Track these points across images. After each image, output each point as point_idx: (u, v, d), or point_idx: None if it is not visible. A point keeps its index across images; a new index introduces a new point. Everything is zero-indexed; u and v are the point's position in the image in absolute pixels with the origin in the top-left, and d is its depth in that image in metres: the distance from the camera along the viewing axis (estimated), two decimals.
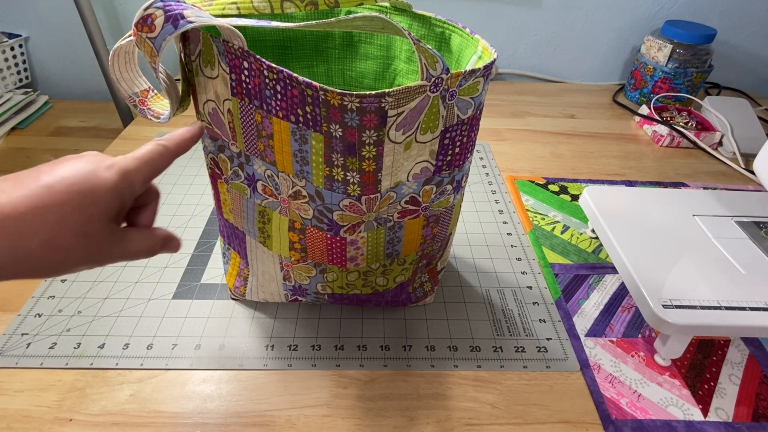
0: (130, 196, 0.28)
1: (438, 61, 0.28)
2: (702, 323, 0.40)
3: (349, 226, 0.35)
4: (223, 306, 0.46)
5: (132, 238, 0.28)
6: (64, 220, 0.25)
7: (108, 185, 0.26)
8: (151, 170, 0.29)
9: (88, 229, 0.25)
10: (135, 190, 0.28)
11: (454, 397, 0.39)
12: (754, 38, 0.96)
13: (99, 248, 0.26)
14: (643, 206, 0.53)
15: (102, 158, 0.28)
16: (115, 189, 0.27)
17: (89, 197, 0.26)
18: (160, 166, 0.29)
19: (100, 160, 0.27)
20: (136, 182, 0.28)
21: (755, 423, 0.39)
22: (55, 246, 0.25)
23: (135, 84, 0.33)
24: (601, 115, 0.88)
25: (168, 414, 0.37)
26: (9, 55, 0.86)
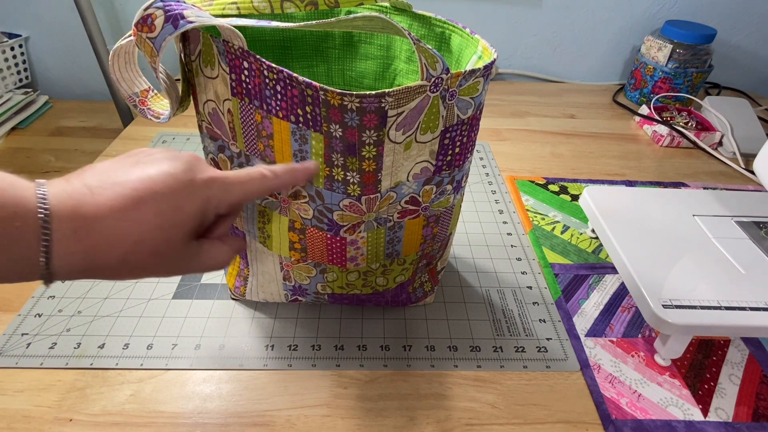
0: (211, 217, 0.27)
1: (438, 61, 0.28)
2: (702, 323, 0.40)
3: (349, 226, 0.35)
4: (223, 306, 0.46)
5: (206, 253, 0.27)
6: (144, 240, 0.23)
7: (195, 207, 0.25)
8: (244, 195, 0.28)
9: (165, 249, 0.24)
10: (219, 211, 0.27)
11: (454, 397, 0.39)
12: (754, 38, 0.96)
13: (173, 265, 0.25)
14: (643, 206, 0.53)
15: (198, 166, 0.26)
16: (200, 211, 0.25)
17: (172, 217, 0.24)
18: (254, 194, 0.28)
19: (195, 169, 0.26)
20: (223, 205, 0.27)
21: (755, 423, 0.39)
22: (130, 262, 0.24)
23: (135, 84, 0.33)
24: (601, 115, 0.88)
25: (168, 414, 0.37)
26: (9, 55, 0.86)
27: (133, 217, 0.23)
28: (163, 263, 0.25)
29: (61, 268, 0.22)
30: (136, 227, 0.23)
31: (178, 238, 0.25)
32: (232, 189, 0.27)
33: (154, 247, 0.24)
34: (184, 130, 0.76)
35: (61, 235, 0.22)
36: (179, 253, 0.25)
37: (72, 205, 0.22)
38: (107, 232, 0.22)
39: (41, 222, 0.21)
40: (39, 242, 0.21)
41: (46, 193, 0.22)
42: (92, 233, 0.22)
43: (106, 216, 0.22)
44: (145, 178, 0.24)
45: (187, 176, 0.25)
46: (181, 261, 0.26)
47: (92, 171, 0.24)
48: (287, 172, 0.30)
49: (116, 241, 0.23)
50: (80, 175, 0.24)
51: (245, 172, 0.28)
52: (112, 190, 0.23)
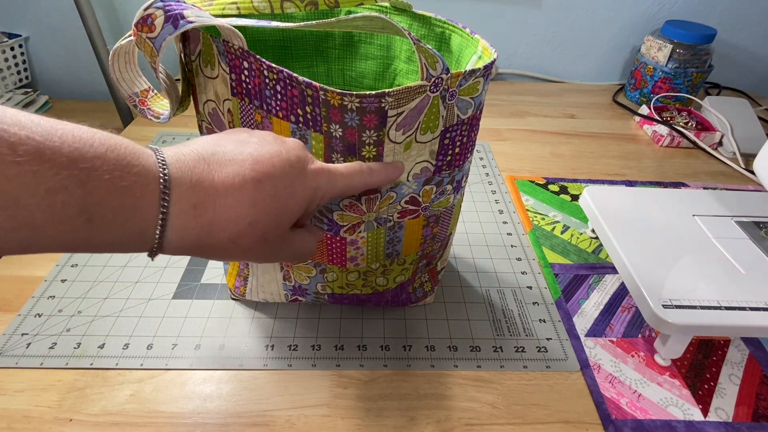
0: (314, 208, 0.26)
1: (438, 61, 0.28)
2: (702, 323, 0.40)
3: (349, 226, 0.35)
4: (223, 306, 0.46)
5: (297, 243, 0.26)
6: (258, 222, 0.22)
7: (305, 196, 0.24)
8: (346, 188, 0.27)
9: (273, 234, 0.24)
10: (322, 203, 0.26)
11: (454, 397, 0.39)
12: (754, 38, 0.96)
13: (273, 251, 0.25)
14: (643, 206, 0.53)
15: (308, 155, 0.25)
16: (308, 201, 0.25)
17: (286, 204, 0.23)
18: (355, 188, 0.28)
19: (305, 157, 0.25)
20: (327, 197, 0.26)
21: (755, 423, 0.39)
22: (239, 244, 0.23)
23: (135, 84, 0.33)
24: (601, 115, 0.88)
25: (168, 414, 0.37)
26: (9, 55, 0.86)
27: (251, 197, 0.22)
28: (267, 248, 0.24)
29: (172, 243, 0.21)
30: (253, 208, 0.22)
31: (285, 223, 0.24)
32: (337, 181, 0.26)
33: (265, 231, 0.23)
34: (184, 130, 0.76)
35: (180, 208, 0.21)
36: (281, 239, 0.25)
37: (192, 178, 0.21)
38: (225, 210, 0.22)
39: (161, 191, 0.20)
40: (157, 213, 0.20)
41: (166, 163, 0.21)
42: (210, 209, 0.21)
43: (226, 193, 0.21)
44: (263, 159, 0.23)
45: (300, 163, 0.24)
46: (279, 247, 0.25)
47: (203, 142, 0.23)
48: (382, 169, 0.29)
49: (233, 220, 0.22)
50: (189, 146, 0.22)
51: (348, 165, 0.28)
52: (230, 167, 0.22)
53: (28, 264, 0.50)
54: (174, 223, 0.21)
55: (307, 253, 0.28)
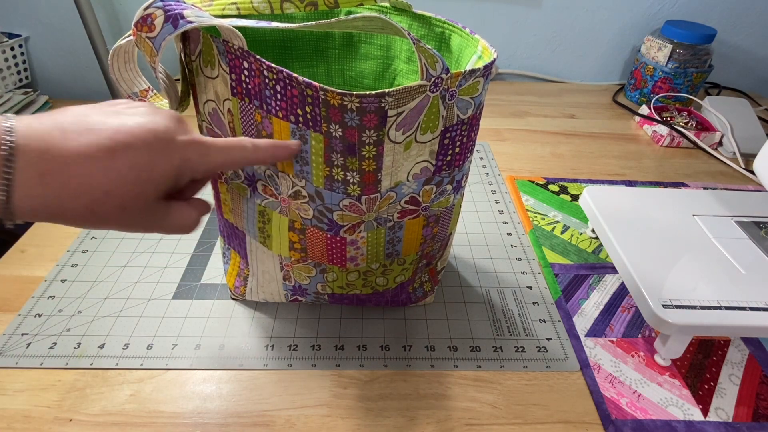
0: (186, 179, 0.26)
1: (438, 61, 0.28)
2: (702, 323, 0.40)
3: (349, 226, 0.35)
4: (223, 306, 0.46)
5: (173, 215, 0.26)
6: (113, 192, 0.23)
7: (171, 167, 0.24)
8: (223, 163, 0.27)
9: (134, 204, 0.24)
10: (195, 175, 0.26)
11: (454, 397, 0.39)
12: (754, 38, 0.96)
13: (139, 222, 0.25)
14: (643, 206, 0.53)
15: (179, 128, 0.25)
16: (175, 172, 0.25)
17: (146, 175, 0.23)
18: (234, 163, 0.28)
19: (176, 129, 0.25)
20: (200, 169, 0.26)
21: (755, 423, 0.39)
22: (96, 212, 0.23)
23: (135, 84, 0.33)
24: (601, 115, 0.88)
25: (168, 414, 0.37)
26: (9, 55, 0.86)
27: (105, 166, 0.22)
28: (129, 218, 0.24)
29: (23, 209, 0.22)
30: (107, 178, 0.22)
31: (149, 195, 0.24)
32: (212, 154, 0.26)
33: (123, 201, 0.23)
34: None
35: (26, 175, 0.21)
36: (147, 211, 0.25)
37: (41, 146, 0.21)
38: (76, 179, 0.22)
39: (4, 158, 0.20)
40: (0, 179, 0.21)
41: (14, 128, 0.21)
42: (60, 178, 0.21)
43: (76, 162, 0.22)
44: (124, 129, 0.23)
45: (168, 134, 0.24)
46: (148, 218, 0.25)
47: (68, 113, 0.23)
48: (269, 146, 0.29)
49: (85, 189, 0.22)
50: (54, 115, 0.23)
51: (227, 140, 0.28)
52: (86, 136, 0.22)
53: (28, 264, 0.50)
54: (20, 191, 0.21)
55: (185, 226, 0.27)
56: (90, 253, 0.51)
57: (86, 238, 0.53)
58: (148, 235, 0.54)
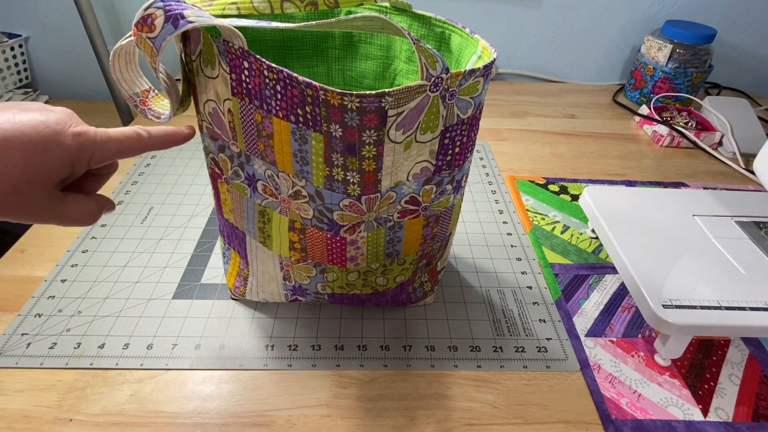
0: (82, 169, 0.27)
1: (438, 61, 0.28)
2: (702, 323, 0.40)
3: (349, 226, 0.35)
4: (223, 306, 0.46)
5: (70, 206, 0.27)
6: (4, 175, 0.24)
7: (65, 154, 0.25)
8: (118, 152, 0.28)
9: (27, 191, 0.25)
10: (91, 165, 0.27)
11: (454, 397, 0.39)
12: (754, 38, 0.96)
13: (34, 211, 0.26)
14: (643, 206, 0.53)
15: (72, 121, 0.26)
16: (70, 160, 0.26)
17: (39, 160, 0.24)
18: (129, 151, 0.29)
19: (69, 122, 0.26)
20: (96, 159, 0.27)
21: (755, 423, 0.39)
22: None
23: (136, 84, 0.33)
24: (601, 115, 0.88)
25: (168, 414, 0.37)
26: (9, 55, 0.86)
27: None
28: (23, 205, 0.25)
29: None
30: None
31: (42, 182, 0.25)
32: (106, 144, 0.27)
33: (15, 186, 0.24)
34: None
35: None
36: (42, 199, 0.26)
37: None
38: None
39: None
40: None
41: None
42: None
43: None
44: (15, 120, 0.24)
45: (59, 125, 0.26)
46: (42, 207, 0.26)
47: None
48: (162, 134, 0.31)
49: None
50: None
51: (120, 130, 0.29)
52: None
53: (28, 264, 0.50)
54: None
55: (82, 218, 0.28)
56: (90, 253, 0.51)
57: (86, 238, 0.53)
58: (148, 235, 0.54)
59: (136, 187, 0.62)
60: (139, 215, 0.57)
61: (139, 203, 0.59)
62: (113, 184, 0.62)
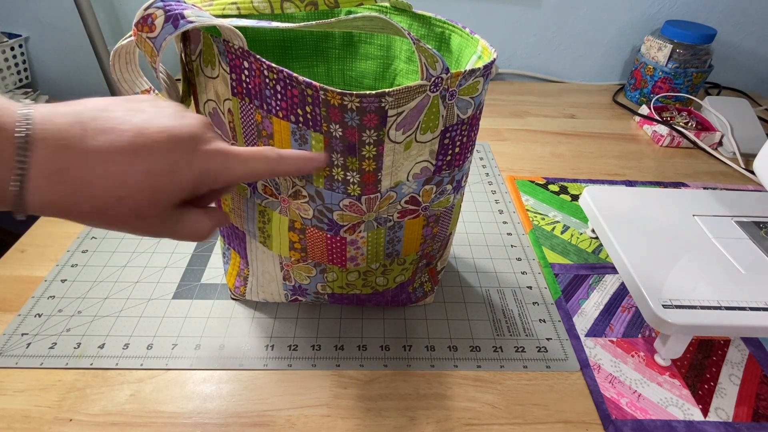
0: (204, 190, 0.25)
1: (438, 61, 0.28)
2: (702, 323, 0.40)
3: (349, 226, 0.35)
4: (223, 306, 0.46)
5: (185, 223, 0.25)
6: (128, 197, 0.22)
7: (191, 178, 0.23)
8: (246, 175, 0.26)
9: (148, 212, 0.23)
10: (214, 186, 0.25)
11: (454, 397, 0.39)
12: (754, 38, 0.96)
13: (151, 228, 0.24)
14: (643, 206, 0.53)
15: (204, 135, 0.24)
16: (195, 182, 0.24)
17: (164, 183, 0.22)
18: (257, 175, 0.26)
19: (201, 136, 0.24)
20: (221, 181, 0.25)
21: (755, 423, 0.39)
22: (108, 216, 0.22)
23: (136, 84, 0.33)
24: (601, 115, 0.88)
25: (168, 414, 0.37)
26: (9, 55, 0.86)
27: (122, 171, 0.21)
28: (142, 224, 0.23)
29: (34, 204, 0.21)
30: (123, 183, 0.21)
31: (164, 203, 0.23)
32: (234, 166, 0.25)
33: (137, 208, 0.22)
34: None
35: (42, 169, 0.20)
36: (161, 218, 0.24)
37: (59, 140, 0.20)
38: (91, 181, 0.21)
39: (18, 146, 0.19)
40: (14, 169, 0.19)
41: (30, 117, 0.20)
42: (76, 177, 0.21)
43: (95, 163, 0.21)
44: (146, 132, 0.22)
45: (192, 143, 0.23)
46: (160, 225, 0.24)
47: (88, 105, 0.22)
48: (296, 158, 0.28)
49: (99, 192, 0.21)
50: (73, 107, 0.22)
51: (251, 150, 0.26)
52: (107, 135, 0.21)
53: (28, 264, 0.50)
54: (34, 186, 0.20)
55: (197, 235, 0.26)
56: (90, 253, 0.51)
57: (86, 238, 0.53)
58: None
59: None
60: None
61: None
62: None
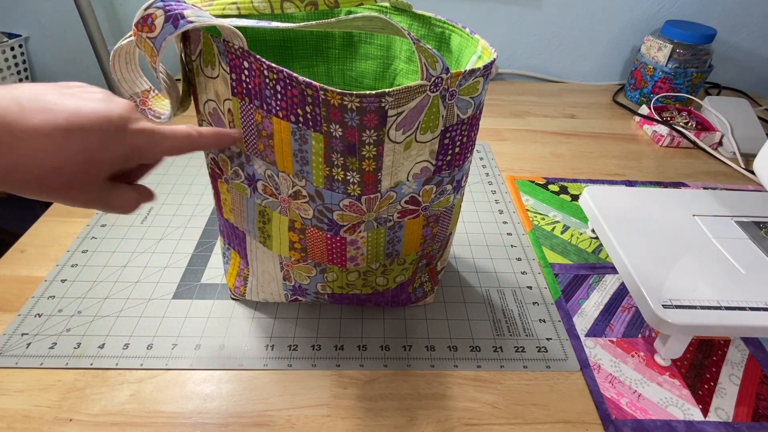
0: (133, 164, 0.28)
1: (438, 61, 0.28)
2: (702, 323, 0.40)
3: (349, 226, 0.35)
4: (223, 306, 0.46)
5: (115, 195, 0.28)
6: (63, 168, 0.24)
7: (121, 152, 0.26)
8: (170, 150, 0.29)
9: (80, 183, 0.25)
10: (143, 161, 0.28)
11: (454, 397, 0.39)
12: (754, 38, 0.96)
13: (83, 198, 0.26)
14: (643, 206, 0.53)
15: (133, 116, 0.27)
16: (124, 156, 0.26)
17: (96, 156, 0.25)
18: (180, 150, 0.29)
19: (131, 116, 0.27)
20: (149, 156, 0.28)
21: (755, 423, 0.39)
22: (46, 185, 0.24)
23: (136, 84, 0.33)
24: (601, 115, 0.88)
25: (168, 414, 0.37)
26: (9, 55, 0.86)
27: (58, 145, 0.24)
28: (77, 194, 0.26)
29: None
30: (59, 156, 0.24)
31: (96, 175, 0.26)
32: (160, 142, 0.28)
33: (71, 179, 0.25)
34: None
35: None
36: (92, 190, 0.26)
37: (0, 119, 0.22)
38: (30, 154, 0.23)
39: None
40: None
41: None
42: (15, 151, 0.23)
43: (32, 138, 0.23)
44: (80, 112, 0.25)
45: (121, 122, 0.26)
46: (93, 196, 0.27)
47: (24, 89, 0.24)
48: (212, 134, 0.31)
49: (36, 163, 0.24)
50: (10, 90, 0.24)
51: (174, 127, 0.29)
52: (43, 114, 0.24)
53: (28, 264, 0.50)
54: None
55: (125, 207, 0.29)
56: (90, 253, 0.51)
57: (86, 238, 0.53)
58: (148, 235, 0.54)
59: None
60: (139, 215, 0.57)
61: None
62: None
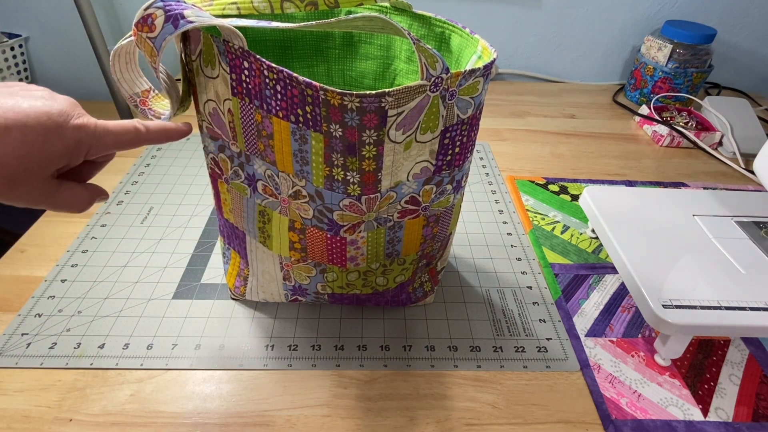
0: (79, 160, 0.28)
1: (438, 61, 0.28)
2: (702, 323, 0.40)
3: (349, 225, 0.35)
4: (223, 306, 0.46)
5: (63, 194, 0.28)
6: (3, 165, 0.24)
7: (64, 146, 0.26)
8: (115, 145, 0.29)
9: (23, 179, 0.25)
10: (88, 156, 0.28)
11: (454, 397, 0.39)
12: (754, 38, 0.96)
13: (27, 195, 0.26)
14: (643, 206, 0.53)
15: (74, 112, 0.27)
16: (68, 151, 0.26)
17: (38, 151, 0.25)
18: (126, 144, 0.29)
19: (71, 113, 0.26)
20: (93, 151, 0.28)
21: (755, 423, 0.39)
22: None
23: (136, 84, 0.33)
24: (601, 115, 0.88)
25: (168, 414, 0.37)
26: (9, 55, 0.86)
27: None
28: (18, 192, 0.26)
29: None
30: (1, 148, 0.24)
31: (39, 172, 0.26)
32: (105, 137, 0.28)
33: (13, 175, 0.25)
34: None
35: None
36: (37, 187, 0.26)
37: None
38: None
39: None
40: None
41: None
42: None
43: None
44: (19, 109, 0.25)
45: (61, 117, 0.26)
46: (36, 195, 0.26)
47: None
48: (159, 129, 0.31)
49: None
50: None
51: (119, 123, 0.29)
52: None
53: (28, 264, 0.50)
54: None
55: (75, 206, 0.29)
56: (90, 253, 0.51)
57: (86, 238, 0.53)
58: (148, 235, 0.54)
59: (136, 187, 0.62)
60: (139, 215, 0.57)
61: (139, 203, 0.59)
62: (113, 184, 0.62)
